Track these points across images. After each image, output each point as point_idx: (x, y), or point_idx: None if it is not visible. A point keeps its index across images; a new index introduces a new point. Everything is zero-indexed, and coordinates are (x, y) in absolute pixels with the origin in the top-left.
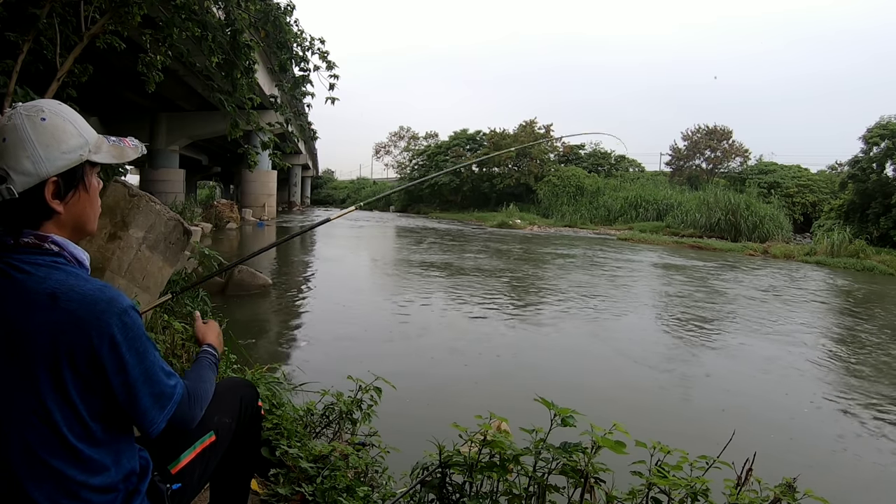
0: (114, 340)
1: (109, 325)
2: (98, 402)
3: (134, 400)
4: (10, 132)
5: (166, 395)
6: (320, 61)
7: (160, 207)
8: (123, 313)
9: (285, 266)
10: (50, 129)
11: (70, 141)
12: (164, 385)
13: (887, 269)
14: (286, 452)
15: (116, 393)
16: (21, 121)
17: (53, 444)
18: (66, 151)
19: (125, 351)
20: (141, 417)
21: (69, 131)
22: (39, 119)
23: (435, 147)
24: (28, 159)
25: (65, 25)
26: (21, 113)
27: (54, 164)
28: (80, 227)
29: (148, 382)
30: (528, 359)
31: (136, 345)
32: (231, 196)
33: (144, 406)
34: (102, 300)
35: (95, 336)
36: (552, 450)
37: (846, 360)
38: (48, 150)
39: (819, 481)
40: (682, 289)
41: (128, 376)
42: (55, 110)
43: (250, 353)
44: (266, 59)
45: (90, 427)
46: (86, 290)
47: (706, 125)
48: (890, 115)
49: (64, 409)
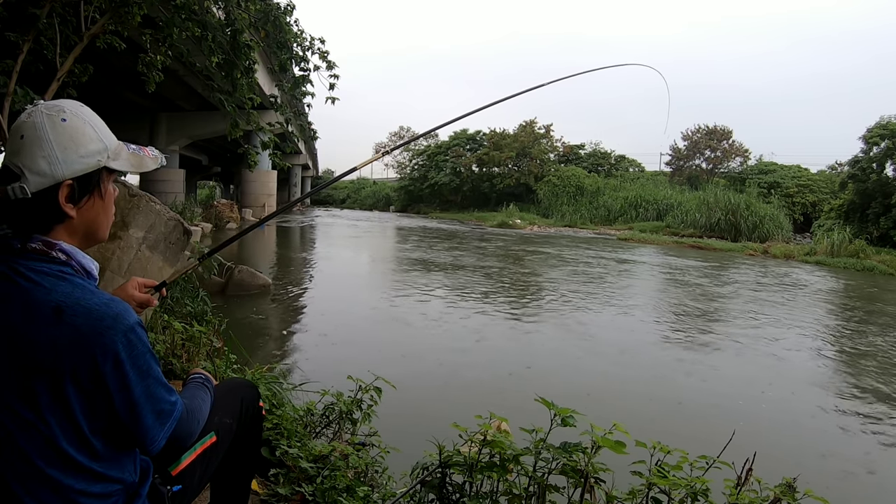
0: (118, 358)
1: (114, 343)
2: (100, 418)
3: (137, 418)
4: (29, 130)
5: (167, 412)
6: (320, 61)
7: (160, 207)
8: (129, 331)
9: (285, 266)
10: (69, 130)
11: (89, 145)
12: (166, 402)
13: (887, 269)
14: (286, 452)
15: (119, 410)
16: (41, 119)
17: (51, 457)
18: (83, 155)
19: (129, 369)
20: (143, 435)
21: (89, 135)
22: (60, 119)
23: (435, 147)
24: (44, 159)
25: (65, 25)
26: (42, 111)
27: (71, 167)
28: (92, 235)
29: (150, 400)
30: (528, 359)
31: (140, 362)
32: (231, 196)
33: (147, 424)
34: (108, 316)
35: (99, 353)
36: (552, 450)
37: (847, 360)
38: (66, 152)
39: (819, 481)
40: (681, 288)
41: (131, 394)
42: (77, 112)
43: (250, 353)
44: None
45: (91, 442)
46: (91, 305)
47: (706, 125)
48: (890, 115)
49: (63, 423)
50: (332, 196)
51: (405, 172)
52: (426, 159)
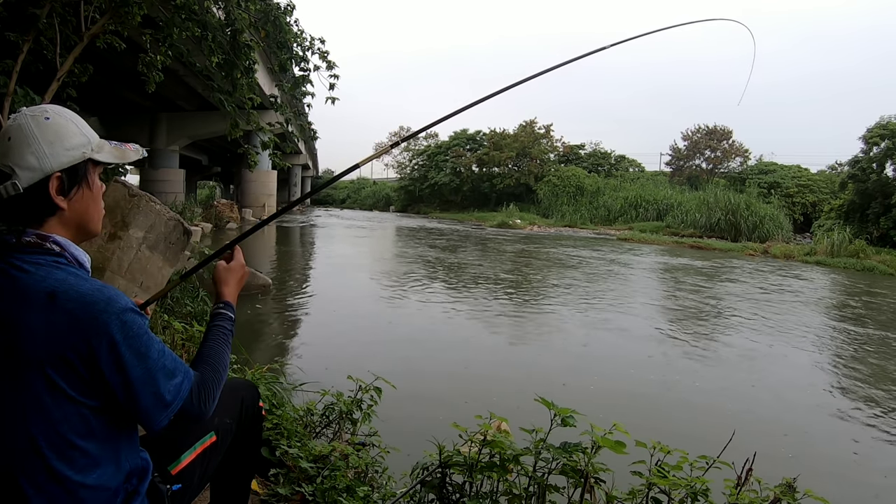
0: (112, 340)
1: (108, 325)
2: (97, 400)
3: (134, 399)
4: (15, 131)
5: (169, 395)
6: (320, 61)
7: (160, 207)
8: (122, 313)
9: (285, 266)
10: (54, 126)
11: (73, 139)
12: (167, 385)
13: (887, 269)
14: (286, 452)
15: (116, 392)
16: (26, 120)
17: (51, 442)
18: (69, 148)
19: (124, 350)
20: (142, 416)
21: (72, 130)
22: (43, 118)
23: (435, 147)
24: (33, 155)
25: (65, 25)
26: (25, 114)
27: (58, 159)
28: (84, 227)
29: (150, 382)
30: (528, 359)
31: (136, 344)
32: (231, 196)
33: (145, 405)
34: (101, 300)
35: (94, 336)
36: (552, 450)
37: (847, 360)
38: (52, 146)
39: (819, 481)
40: (681, 288)
41: (128, 376)
42: (59, 111)
43: (250, 353)
44: (266, 59)
45: (90, 425)
46: (84, 290)
47: (706, 125)
48: (890, 115)
49: (63, 407)
50: (332, 196)
51: (405, 172)
52: (426, 159)
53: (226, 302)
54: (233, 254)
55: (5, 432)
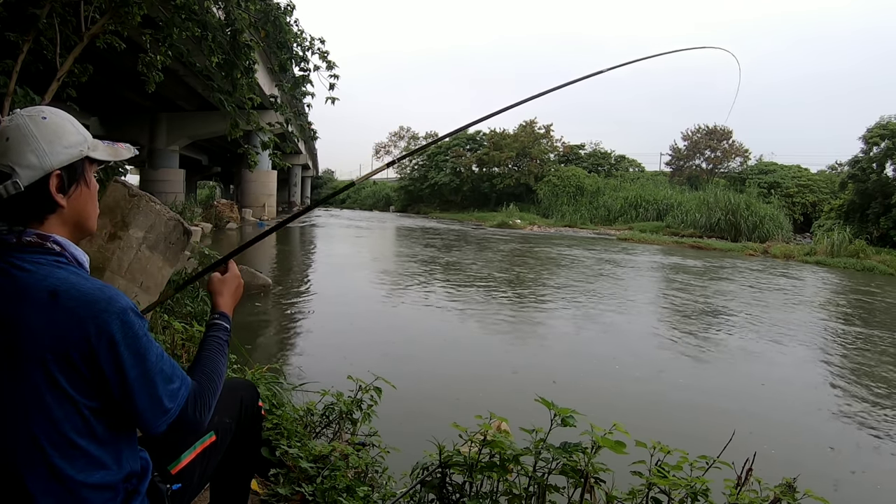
0: (112, 339)
1: (108, 324)
2: (98, 399)
3: (130, 400)
4: (13, 131)
5: (167, 399)
6: (320, 61)
7: (160, 207)
8: (123, 312)
9: (285, 266)
10: (51, 126)
11: (70, 137)
12: (165, 388)
13: (887, 269)
14: (286, 452)
15: (113, 391)
16: (23, 121)
17: (54, 441)
18: (67, 146)
19: (123, 350)
20: (139, 418)
21: (69, 129)
22: (41, 118)
23: (435, 147)
24: (32, 153)
25: (65, 25)
26: (22, 114)
27: (57, 157)
28: (82, 225)
29: (147, 384)
30: (528, 359)
31: (135, 345)
32: (231, 196)
33: (141, 407)
34: (102, 299)
35: (94, 334)
36: (552, 450)
37: (846, 360)
38: (51, 144)
39: (819, 481)
40: (681, 289)
41: (125, 376)
42: (54, 111)
43: (250, 353)
44: (266, 59)
45: (91, 424)
46: (86, 289)
47: (706, 125)
48: (890, 115)
49: (64, 405)
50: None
51: (405, 172)
52: (426, 159)
53: (221, 312)
54: (227, 266)
55: (7, 430)
